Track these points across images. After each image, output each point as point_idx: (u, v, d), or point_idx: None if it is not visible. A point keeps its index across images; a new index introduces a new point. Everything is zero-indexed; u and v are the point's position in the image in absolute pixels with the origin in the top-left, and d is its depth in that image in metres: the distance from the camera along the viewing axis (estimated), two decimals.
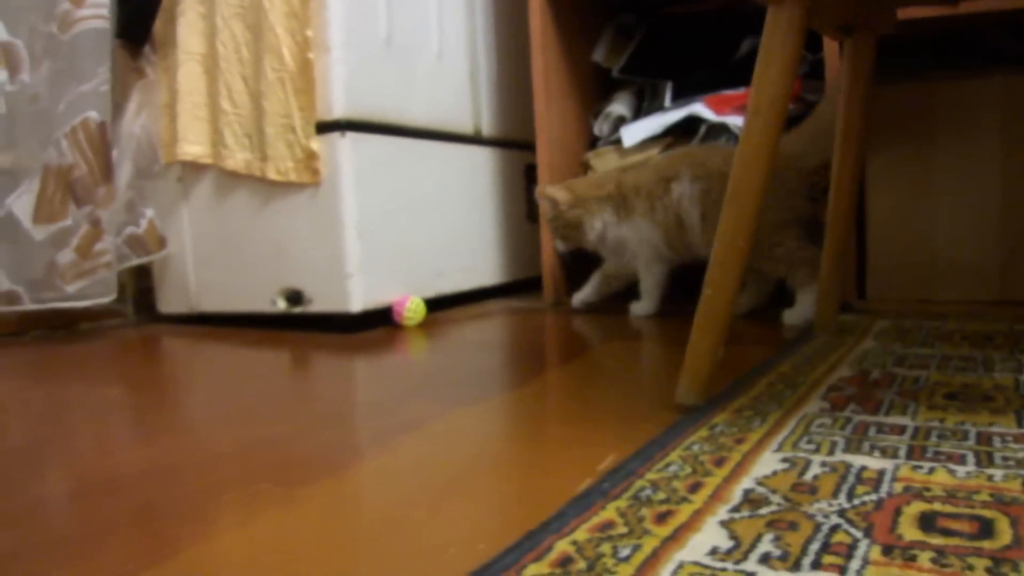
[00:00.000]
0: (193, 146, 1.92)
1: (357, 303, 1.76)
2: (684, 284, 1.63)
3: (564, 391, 1.22)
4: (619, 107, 2.13)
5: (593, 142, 2.21)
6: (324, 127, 1.76)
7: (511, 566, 0.57)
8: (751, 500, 0.68)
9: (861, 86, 1.35)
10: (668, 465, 0.77)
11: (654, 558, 0.58)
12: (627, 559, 0.58)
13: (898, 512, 0.63)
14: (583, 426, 0.99)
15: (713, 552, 0.58)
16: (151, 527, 0.74)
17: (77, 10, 1.83)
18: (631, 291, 1.85)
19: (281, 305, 1.82)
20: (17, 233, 1.84)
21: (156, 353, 1.82)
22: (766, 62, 0.98)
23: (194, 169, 1.96)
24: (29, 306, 1.84)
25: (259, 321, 1.90)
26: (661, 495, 0.70)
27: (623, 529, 0.63)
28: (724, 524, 0.63)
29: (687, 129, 1.90)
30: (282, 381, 1.42)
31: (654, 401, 1.04)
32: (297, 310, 1.81)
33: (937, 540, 0.58)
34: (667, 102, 1.98)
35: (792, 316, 1.58)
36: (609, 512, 0.67)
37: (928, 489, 0.68)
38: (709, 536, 0.61)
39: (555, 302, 2.09)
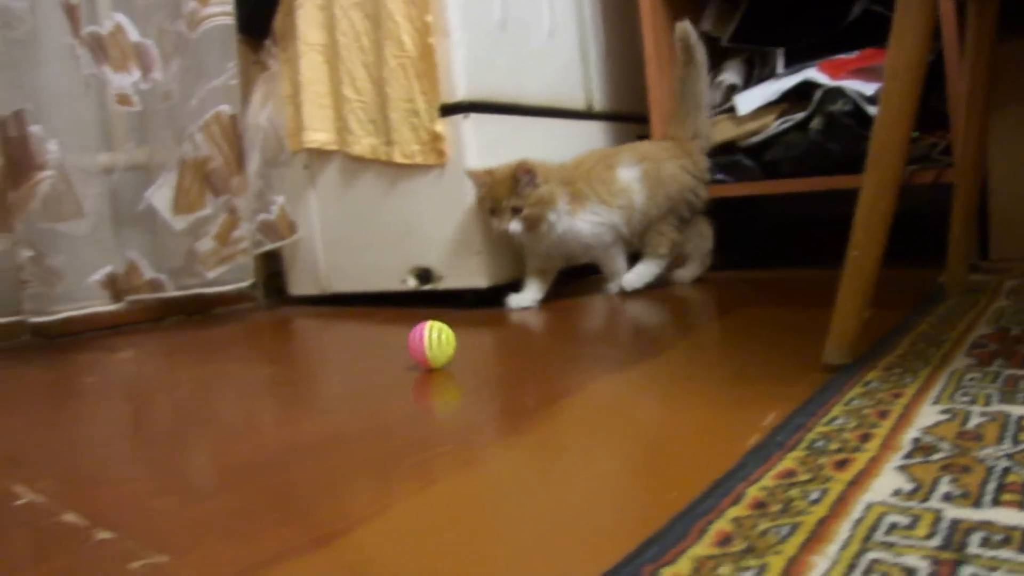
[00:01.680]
0: (319, 134, 2.02)
1: (486, 279, 1.84)
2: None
3: (711, 355, 1.28)
4: (730, 75, 2.15)
5: None
6: (447, 109, 1.84)
7: (712, 509, 0.64)
8: (921, 447, 0.73)
9: (987, 46, 1.37)
10: (833, 419, 0.83)
11: (842, 500, 0.64)
12: (817, 501, 0.64)
13: None
14: (737, 387, 1.05)
15: (897, 493, 0.64)
16: (347, 489, 0.82)
17: (203, 8, 1.93)
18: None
19: (411, 283, 1.92)
20: (157, 224, 1.96)
21: (295, 332, 1.94)
22: (902, 26, 1.01)
23: (320, 156, 2.06)
24: (172, 293, 1.96)
25: (389, 299, 2.00)
26: (835, 445, 0.76)
27: (806, 476, 0.69)
28: (900, 469, 0.69)
29: (801, 94, 1.92)
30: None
31: (800, 362, 1.09)
32: (427, 287, 1.90)
33: None
34: (779, 68, 2.00)
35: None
36: (788, 462, 0.73)
37: None
38: (889, 480, 0.67)
39: None
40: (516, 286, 1.88)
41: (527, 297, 1.81)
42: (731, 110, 2.07)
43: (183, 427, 1.16)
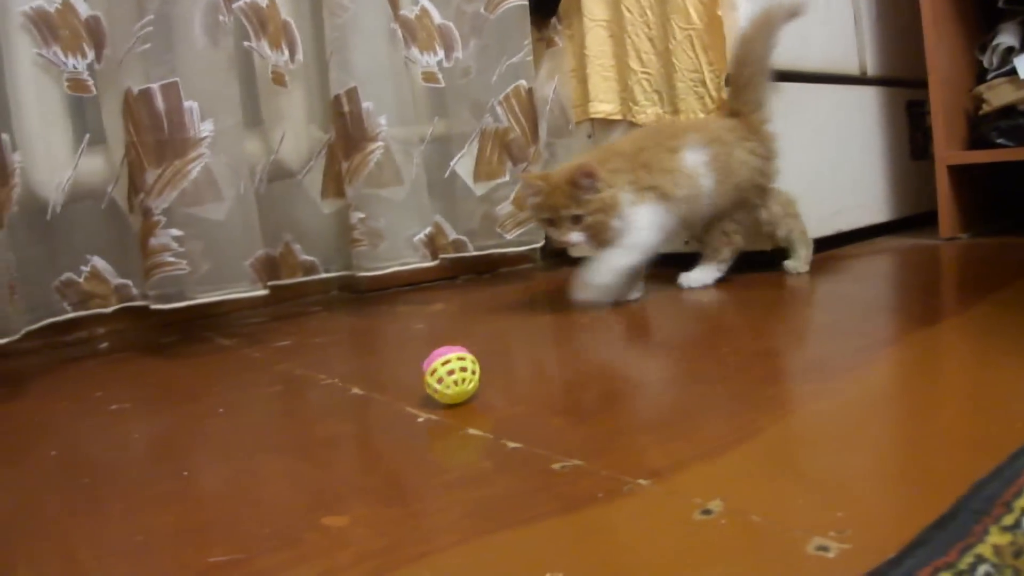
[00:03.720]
0: (604, 104, 2.16)
1: (770, 241, 1.92)
2: None
3: (1009, 317, 1.31)
4: (1007, 38, 2.13)
5: (979, 76, 2.22)
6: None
7: None
8: None
9: None
10: None
11: None
12: None
13: None
14: None
15: None
16: (729, 409, 0.96)
17: None
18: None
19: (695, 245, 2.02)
20: (457, 190, 2.16)
21: None
22: None
23: (604, 126, 2.20)
24: (472, 252, 2.16)
25: (671, 260, 2.11)
26: None
27: None
28: None
29: None
30: (730, 307, 1.62)
31: None
32: None
33: None
34: None
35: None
36: None
37: None
38: None
39: (950, 236, 2.15)
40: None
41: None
42: (1009, 73, 2.04)
43: (540, 362, 1.36)
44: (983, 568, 0.53)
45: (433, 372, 0.99)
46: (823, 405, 0.93)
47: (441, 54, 2.15)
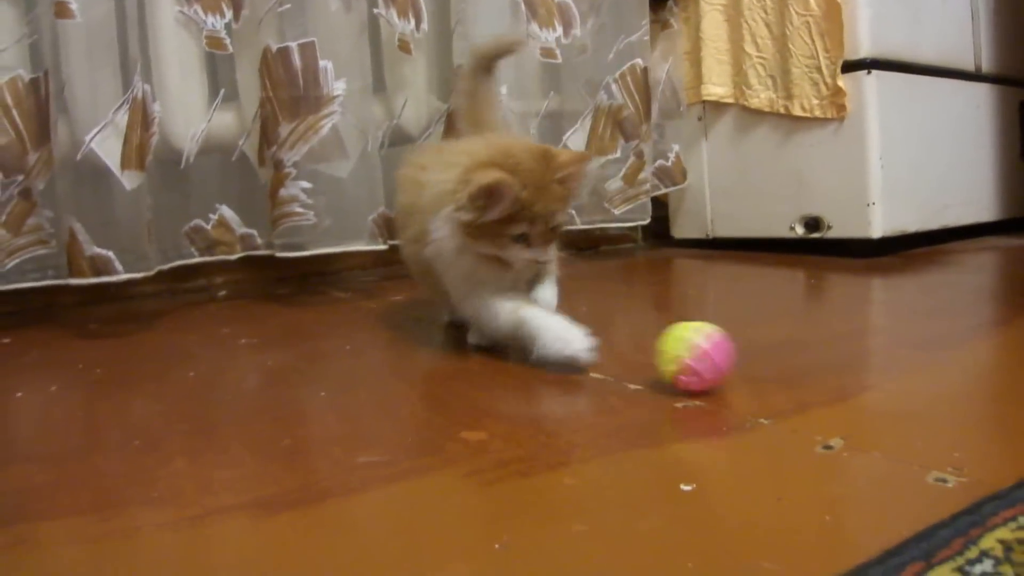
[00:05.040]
0: (717, 87, 2.19)
1: (877, 229, 1.95)
2: None
3: None
4: None
5: None
6: (849, 66, 1.94)
7: None
8: None
9: None
10: None
11: None
12: None
13: None
14: None
15: None
16: (847, 368, 1.00)
17: None
18: None
19: (799, 231, 2.05)
20: None
21: (694, 267, 2.13)
22: None
23: (715, 109, 2.24)
24: (580, 226, 2.21)
25: (771, 245, 2.14)
26: None
27: None
28: None
29: None
30: (839, 292, 1.65)
31: None
32: (815, 235, 2.02)
33: None
34: None
35: None
36: None
37: None
38: None
39: None
40: (908, 239, 1.97)
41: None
42: None
43: (645, 324, 1.40)
44: None
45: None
46: (937, 369, 0.97)
47: (560, 30, 2.20)
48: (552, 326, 1.03)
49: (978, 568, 0.48)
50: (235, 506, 0.66)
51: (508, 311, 1.06)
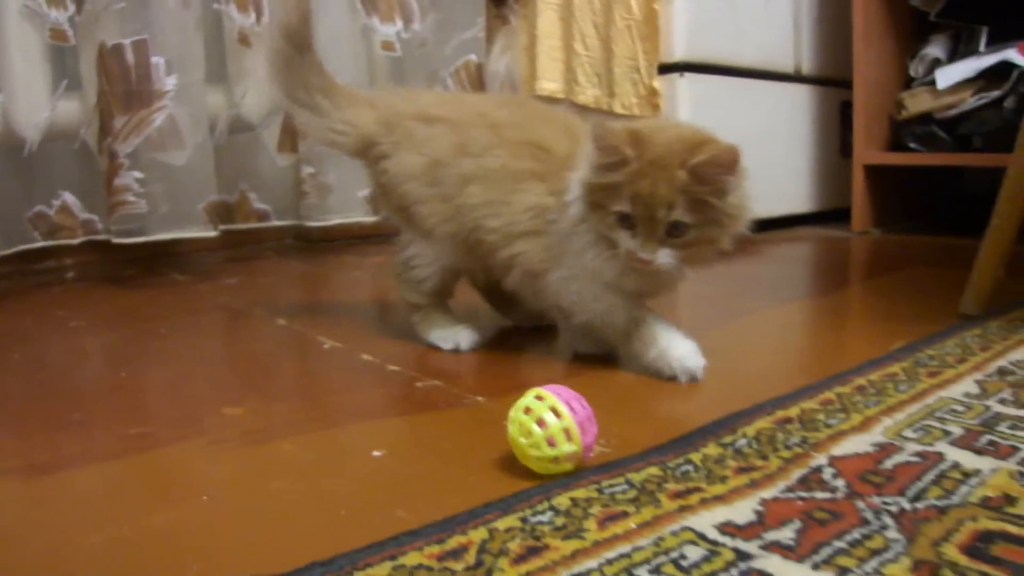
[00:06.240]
0: (550, 83, 2.38)
1: None
2: None
3: (863, 300, 1.59)
4: (935, 49, 2.35)
5: (907, 83, 2.44)
6: (665, 68, 2.14)
7: (834, 384, 0.96)
8: (1001, 371, 1.02)
9: None
10: (944, 347, 1.12)
11: (923, 393, 0.94)
12: (904, 391, 0.94)
13: None
14: (879, 324, 1.36)
15: (966, 394, 0.94)
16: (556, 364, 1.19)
17: None
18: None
19: None
20: None
21: None
22: None
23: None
24: None
25: None
26: (935, 362, 1.06)
27: (903, 377, 1.00)
28: (977, 382, 0.98)
29: (999, 74, 2.11)
30: None
31: (943, 311, 1.36)
32: None
33: None
34: (982, 47, 2.20)
35: None
36: (894, 368, 1.04)
37: None
38: (964, 386, 0.97)
39: (861, 231, 2.38)
40: None
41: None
42: (931, 83, 2.27)
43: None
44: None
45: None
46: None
47: (400, 24, 2.35)
48: (673, 337, 1.01)
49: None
50: (10, 469, 0.82)
51: (626, 309, 1.02)
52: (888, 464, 0.75)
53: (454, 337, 1.18)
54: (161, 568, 0.62)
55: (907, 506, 0.66)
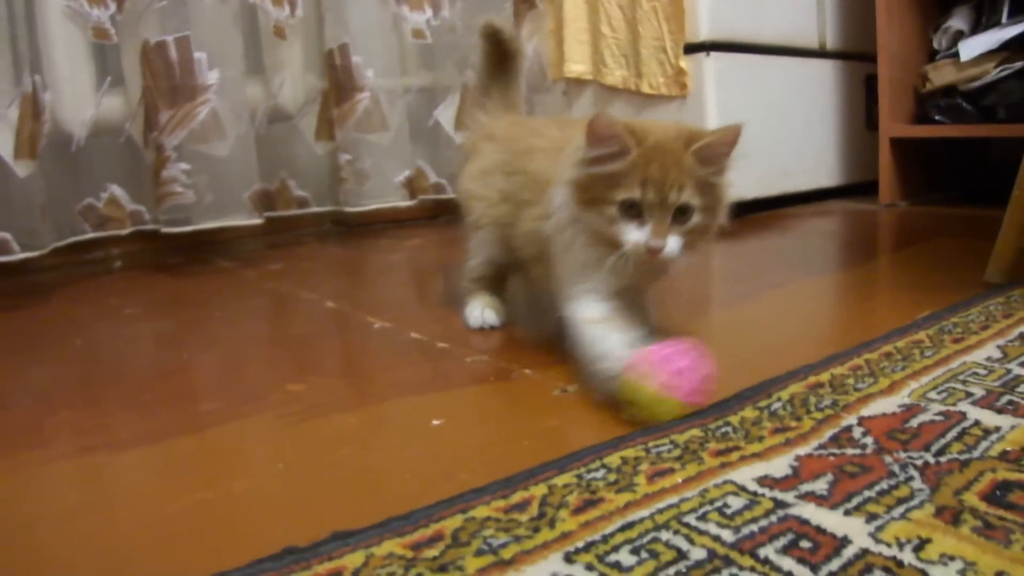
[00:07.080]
0: (577, 65, 2.43)
1: None
2: None
3: (891, 271, 1.64)
4: (957, 22, 2.38)
5: (931, 56, 2.47)
6: (690, 48, 2.19)
7: (863, 351, 1.02)
8: (1022, 336, 1.07)
9: None
10: (968, 314, 1.17)
11: (946, 358, 1.00)
12: (929, 357, 1.00)
13: None
14: (905, 294, 1.41)
15: (988, 359, 0.99)
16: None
17: None
18: None
19: None
20: (440, 138, 2.43)
21: None
22: None
23: (577, 84, 2.47)
24: (451, 195, 2.44)
25: None
26: (959, 329, 1.11)
27: (928, 344, 1.06)
28: (999, 347, 1.04)
29: (1022, 44, 2.14)
30: None
31: (968, 280, 1.41)
32: None
33: None
34: (1004, 18, 2.23)
35: None
36: (920, 335, 1.09)
37: None
38: (987, 351, 1.03)
39: (889, 203, 2.42)
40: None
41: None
42: (954, 55, 2.30)
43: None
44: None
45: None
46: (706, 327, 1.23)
47: (429, 13, 2.41)
48: (607, 343, 0.93)
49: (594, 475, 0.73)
50: (97, 445, 0.89)
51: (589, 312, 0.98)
52: (913, 423, 0.81)
53: (480, 316, 1.26)
54: (249, 529, 0.69)
55: (931, 460, 0.72)
